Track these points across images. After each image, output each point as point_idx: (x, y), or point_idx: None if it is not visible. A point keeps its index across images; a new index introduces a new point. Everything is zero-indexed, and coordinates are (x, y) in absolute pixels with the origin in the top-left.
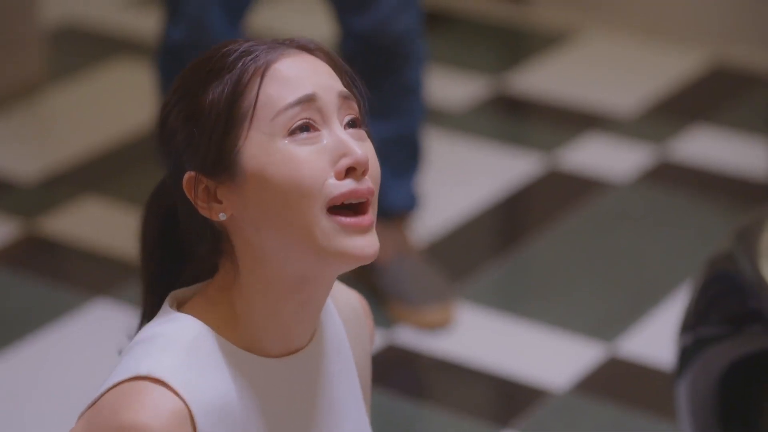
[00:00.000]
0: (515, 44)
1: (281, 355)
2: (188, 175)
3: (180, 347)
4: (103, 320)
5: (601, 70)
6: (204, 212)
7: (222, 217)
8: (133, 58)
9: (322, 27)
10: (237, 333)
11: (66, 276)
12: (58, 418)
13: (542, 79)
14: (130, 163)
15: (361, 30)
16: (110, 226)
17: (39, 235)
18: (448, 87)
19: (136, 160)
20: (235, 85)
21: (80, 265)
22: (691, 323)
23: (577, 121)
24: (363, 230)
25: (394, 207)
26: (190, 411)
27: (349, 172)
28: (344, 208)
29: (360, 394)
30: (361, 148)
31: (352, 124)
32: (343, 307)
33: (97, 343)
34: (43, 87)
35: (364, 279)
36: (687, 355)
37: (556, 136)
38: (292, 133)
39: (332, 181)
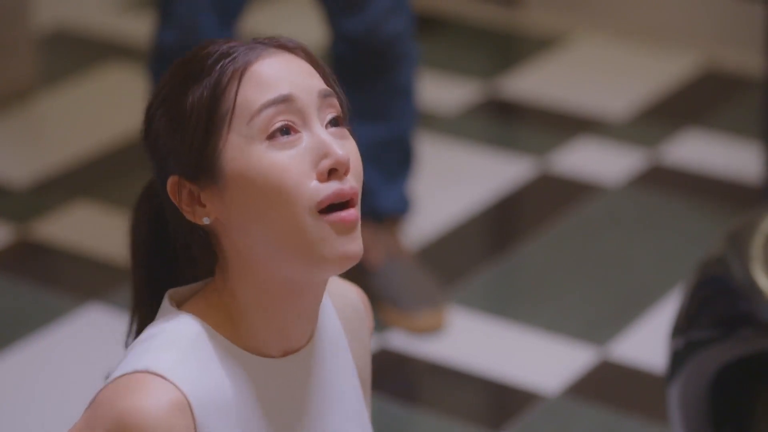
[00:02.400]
0: (507, 48)
1: (280, 355)
2: (172, 179)
3: (180, 345)
4: (94, 324)
5: (593, 74)
6: (189, 216)
7: (206, 221)
8: (126, 62)
9: (314, 30)
10: (236, 333)
11: (58, 280)
12: (50, 422)
13: (534, 83)
14: (122, 167)
15: (353, 33)
16: (102, 231)
17: (31, 239)
18: (440, 90)
19: (128, 164)
20: (213, 88)
21: (72, 269)
22: (683, 326)
23: (569, 125)
24: (348, 228)
25: (386, 210)
26: (189, 403)
27: (331, 172)
28: (328, 208)
29: (360, 392)
30: (343, 147)
31: (334, 123)
32: (341, 305)
33: (88, 347)
34: (35, 91)
35: (356, 283)
36: (678, 358)
37: (548, 139)
38: (271, 136)
39: (315, 183)
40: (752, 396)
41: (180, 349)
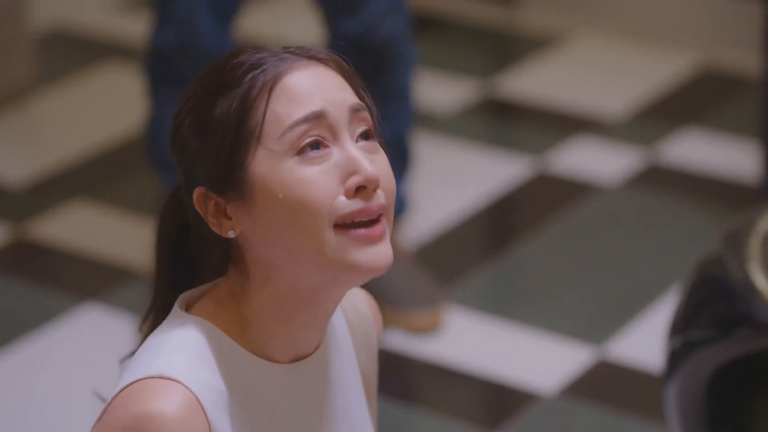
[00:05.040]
0: (504, 48)
1: (288, 361)
2: (198, 190)
3: (190, 349)
4: (92, 324)
5: (591, 74)
6: (214, 228)
7: (231, 234)
8: (123, 62)
9: (311, 30)
10: (245, 337)
11: (55, 280)
12: (49, 422)
13: (531, 82)
14: (119, 167)
15: (350, 33)
16: (100, 231)
17: (28, 239)
18: (438, 90)
19: (125, 164)
20: (242, 101)
21: (70, 269)
22: (680, 326)
23: (567, 125)
24: (374, 240)
25: None
26: (202, 405)
27: (359, 189)
28: (355, 224)
29: (363, 396)
30: (373, 163)
31: (365, 136)
32: (347, 309)
33: (86, 347)
34: (32, 91)
35: None
36: (676, 358)
37: (546, 139)
38: (301, 151)
39: (342, 199)
40: (750, 396)
41: (190, 352)
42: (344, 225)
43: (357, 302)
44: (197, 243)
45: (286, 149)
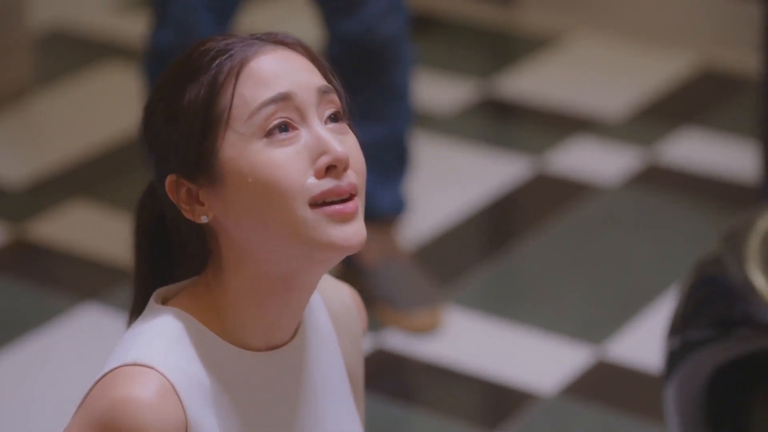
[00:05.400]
0: (503, 48)
1: (264, 349)
2: (170, 178)
3: (166, 337)
4: (91, 325)
5: (590, 74)
6: (187, 215)
7: (204, 219)
8: (122, 62)
9: (310, 30)
10: (221, 327)
11: (55, 280)
12: (48, 422)
13: (530, 82)
14: (118, 167)
15: (349, 33)
16: (99, 231)
17: (27, 239)
18: (436, 90)
19: (124, 164)
20: (210, 86)
21: (69, 269)
22: (679, 326)
23: (566, 125)
24: (347, 218)
25: (382, 211)
26: (176, 391)
27: (329, 169)
28: (327, 204)
29: (348, 388)
30: (342, 143)
31: (333, 118)
32: (332, 301)
33: (85, 347)
34: (31, 92)
35: (352, 282)
36: (675, 358)
37: (545, 139)
38: (269, 133)
39: (312, 180)
40: (749, 396)
41: (166, 341)
42: (316, 204)
43: (343, 296)
44: (175, 235)
45: (255, 131)
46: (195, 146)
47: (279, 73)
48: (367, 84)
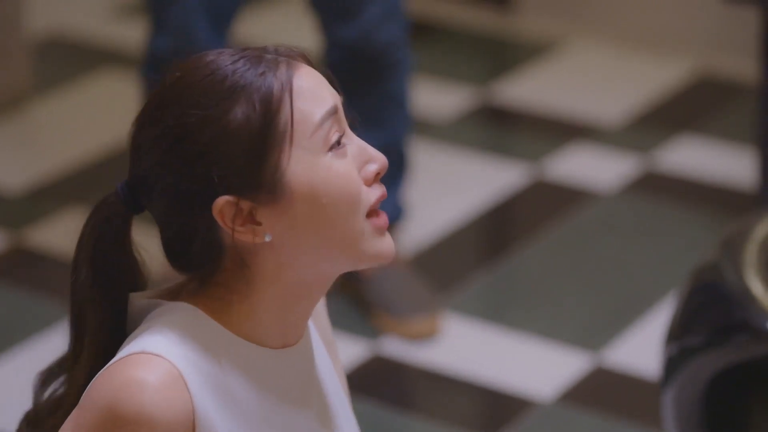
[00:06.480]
0: (501, 54)
1: (279, 347)
2: (223, 200)
3: (176, 328)
4: None
5: (587, 80)
6: (242, 237)
7: (268, 238)
8: (120, 69)
9: (308, 36)
10: (237, 326)
11: (52, 287)
12: None
13: (528, 89)
14: (116, 174)
15: (347, 40)
16: None
17: (25, 246)
18: (434, 97)
19: (122, 171)
20: (264, 104)
21: (66, 276)
22: (677, 333)
23: (563, 131)
24: (385, 230)
25: None
26: (184, 378)
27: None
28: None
29: (340, 387)
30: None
31: (351, 128)
32: None
33: None
34: (29, 98)
35: (350, 290)
36: (673, 364)
37: (542, 146)
38: (332, 147)
39: (365, 188)
40: (746, 403)
41: (176, 332)
42: (368, 214)
43: None
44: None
45: (319, 147)
46: (256, 165)
47: (320, 87)
48: (365, 90)
